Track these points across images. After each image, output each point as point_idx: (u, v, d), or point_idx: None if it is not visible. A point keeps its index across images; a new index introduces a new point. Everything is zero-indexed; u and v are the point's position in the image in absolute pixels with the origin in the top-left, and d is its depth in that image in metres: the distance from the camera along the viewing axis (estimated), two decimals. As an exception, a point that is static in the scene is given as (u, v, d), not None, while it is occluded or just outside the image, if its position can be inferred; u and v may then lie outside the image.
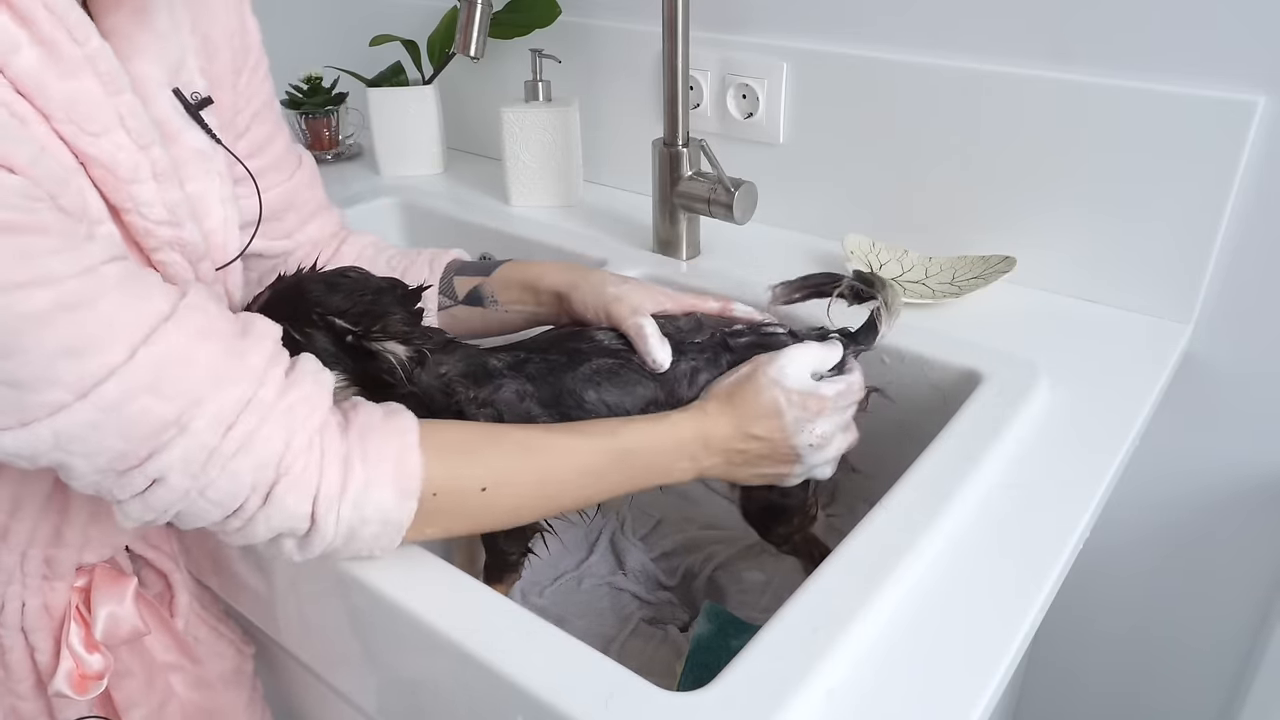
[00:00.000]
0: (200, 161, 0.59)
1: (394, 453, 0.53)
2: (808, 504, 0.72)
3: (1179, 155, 0.81)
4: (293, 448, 0.50)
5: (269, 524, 0.50)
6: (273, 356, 0.52)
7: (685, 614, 0.83)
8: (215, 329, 0.50)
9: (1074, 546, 0.62)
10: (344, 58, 1.36)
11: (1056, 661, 1.12)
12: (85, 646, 0.65)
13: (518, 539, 0.71)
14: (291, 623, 0.72)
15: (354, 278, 0.65)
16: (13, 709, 0.65)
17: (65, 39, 0.47)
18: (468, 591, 0.57)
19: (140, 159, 0.52)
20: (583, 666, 0.51)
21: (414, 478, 0.53)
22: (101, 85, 0.49)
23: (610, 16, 1.15)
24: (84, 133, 0.49)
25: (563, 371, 0.66)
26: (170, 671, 0.72)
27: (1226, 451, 0.90)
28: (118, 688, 0.68)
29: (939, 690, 0.51)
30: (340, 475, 0.51)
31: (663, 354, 0.66)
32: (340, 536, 0.52)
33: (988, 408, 0.72)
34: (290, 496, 0.50)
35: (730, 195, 0.94)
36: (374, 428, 0.54)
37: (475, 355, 0.67)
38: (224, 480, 0.48)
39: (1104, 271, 0.89)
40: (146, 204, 0.53)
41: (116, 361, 0.45)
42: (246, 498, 0.49)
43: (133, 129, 0.51)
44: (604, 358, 0.67)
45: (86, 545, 0.64)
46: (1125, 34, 0.81)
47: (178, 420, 0.47)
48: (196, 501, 0.49)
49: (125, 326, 0.46)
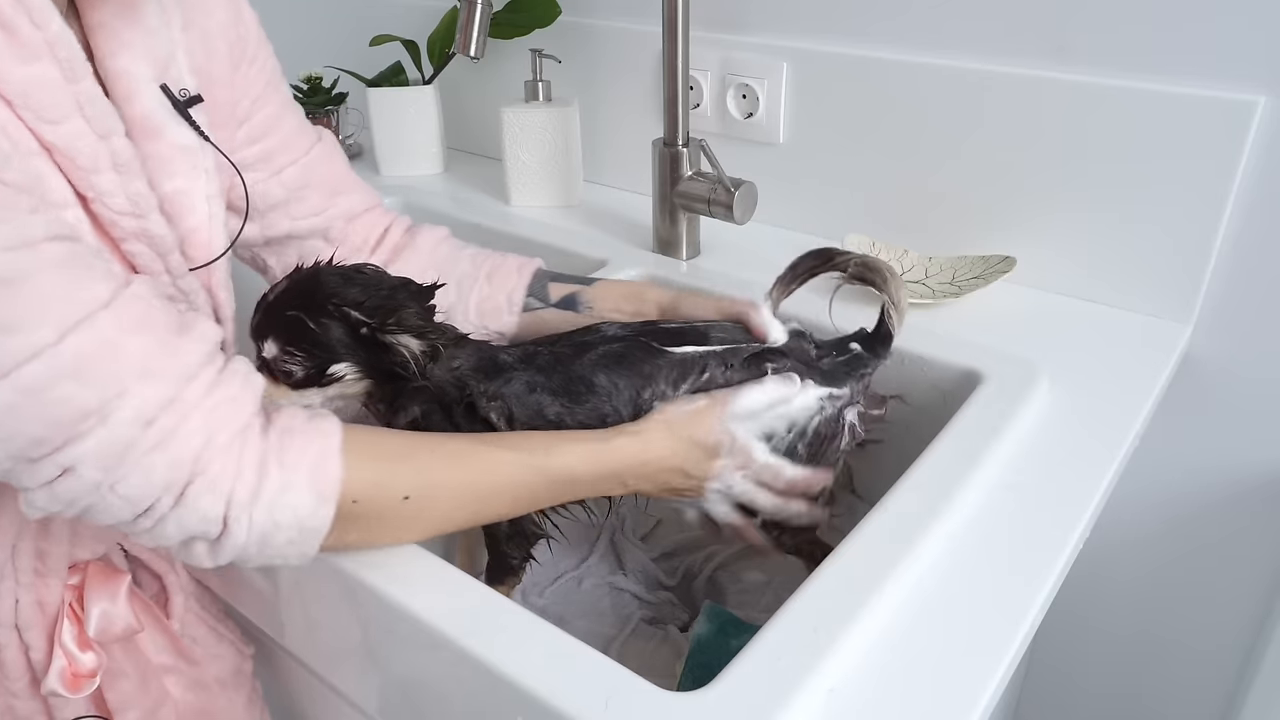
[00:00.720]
0: (186, 158, 0.59)
1: (313, 456, 0.52)
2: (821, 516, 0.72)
3: (1179, 155, 0.81)
4: (211, 447, 0.48)
5: (180, 525, 0.49)
6: (207, 357, 0.50)
7: (685, 614, 0.83)
8: (152, 322, 0.48)
9: (1074, 546, 0.62)
10: (344, 58, 1.36)
11: (1056, 661, 1.12)
12: (78, 644, 0.64)
13: (521, 543, 0.71)
14: (292, 623, 0.72)
15: (370, 273, 0.66)
16: (9, 708, 0.65)
17: (25, 23, 0.47)
18: (468, 592, 0.57)
19: (100, 148, 0.51)
20: (583, 666, 0.51)
21: (332, 482, 0.52)
22: (60, 71, 0.49)
23: (610, 16, 1.15)
24: (42, 120, 0.48)
25: (570, 360, 0.66)
26: (165, 673, 0.72)
27: (1226, 451, 0.90)
28: (111, 688, 0.68)
29: (939, 690, 0.51)
30: (255, 478, 0.50)
31: (776, 331, 0.68)
32: (254, 542, 0.51)
33: (988, 408, 0.72)
34: (204, 498, 0.48)
35: (730, 195, 0.94)
36: (295, 430, 0.52)
37: (486, 350, 0.68)
38: (136, 476, 0.47)
39: (1104, 271, 0.89)
40: (108, 194, 0.52)
41: (44, 343, 0.43)
42: (159, 497, 0.48)
43: (91, 117, 0.51)
44: (610, 344, 0.67)
45: (76, 539, 0.64)
46: (1125, 34, 0.81)
47: (99, 410, 0.45)
48: (106, 496, 0.47)
49: (58, 308, 0.44)
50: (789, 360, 0.68)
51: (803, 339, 0.71)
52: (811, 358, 0.70)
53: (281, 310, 0.63)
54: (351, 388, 0.65)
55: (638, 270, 0.98)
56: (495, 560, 0.72)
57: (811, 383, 0.68)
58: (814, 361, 0.70)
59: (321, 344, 0.63)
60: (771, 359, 0.68)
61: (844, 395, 0.69)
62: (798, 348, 0.70)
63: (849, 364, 0.70)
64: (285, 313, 0.63)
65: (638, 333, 0.69)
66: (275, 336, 0.63)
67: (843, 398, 0.69)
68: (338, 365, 0.63)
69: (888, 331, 0.71)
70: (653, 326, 0.70)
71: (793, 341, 0.70)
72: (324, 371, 0.63)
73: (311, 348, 0.63)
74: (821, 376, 0.69)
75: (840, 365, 0.70)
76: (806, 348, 0.70)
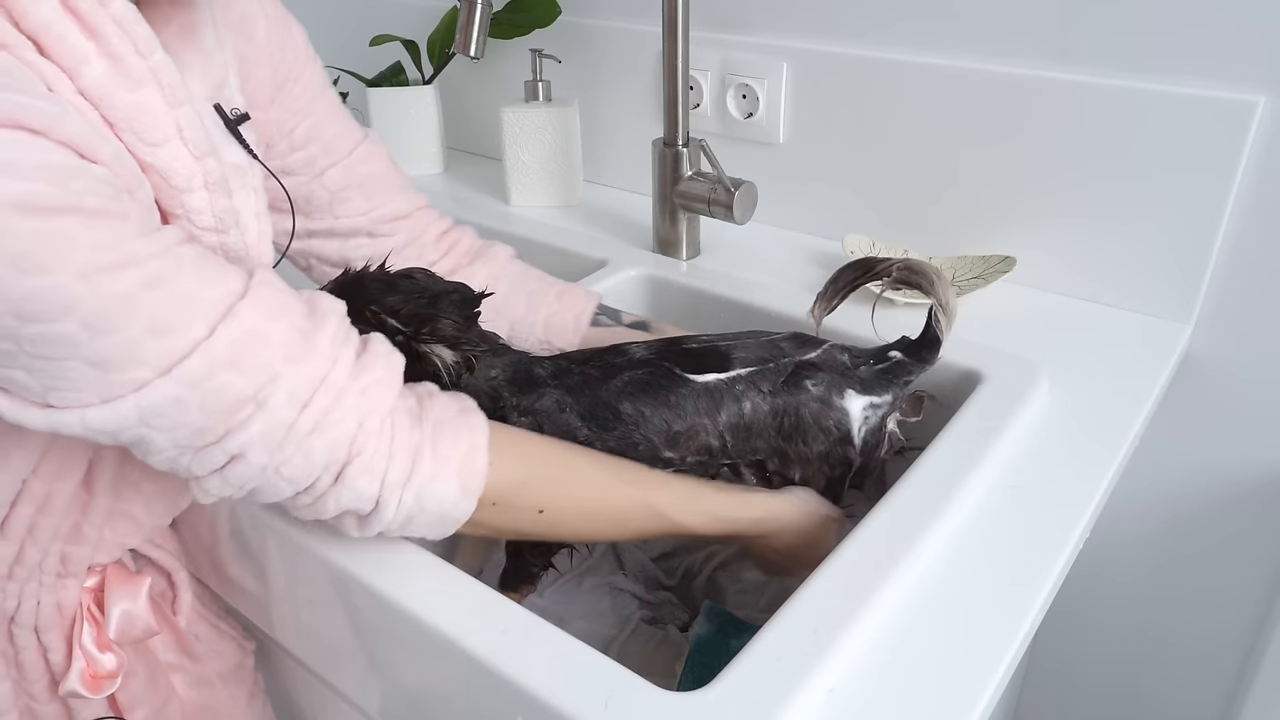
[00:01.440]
0: (238, 176, 0.60)
1: (464, 451, 0.55)
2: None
3: (1179, 155, 0.81)
4: (365, 429, 0.51)
5: (338, 502, 0.52)
6: (337, 333, 0.53)
7: (685, 614, 0.83)
8: (286, 306, 0.51)
9: (1074, 546, 0.62)
10: (344, 58, 1.36)
11: (1056, 662, 1.12)
12: (98, 646, 0.65)
13: (544, 550, 0.71)
14: (290, 623, 0.72)
15: (417, 279, 0.67)
16: (28, 710, 0.66)
17: (131, 52, 0.49)
18: (467, 591, 0.57)
19: (195, 168, 0.53)
20: (583, 666, 0.51)
21: (478, 478, 0.55)
22: (164, 97, 0.51)
23: (610, 16, 1.15)
24: (144, 142, 0.50)
25: (598, 385, 0.66)
26: (172, 671, 0.72)
27: (1226, 452, 0.90)
28: (122, 688, 0.68)
29: (939, 690, 0.51)
30: (409, 463, 0.53)
31: None
32: (399, 521, 0.54)
33: (988, 408, 0.72)
34: (361, 479, 0.52)
35: (730, 195, 0.94)
36: (448, 422, 0.55)
37: (523, 362, 0.68)
38: (299, 458, 0.50)
39: (1104, 271, 0.89)
40: (196, 211, 0.54)
41: (198, 338, 0.46)
42: (319, 476, 0.51)
43: (190, 140, 0.53)
44: (635, 370, 0.67)
45: (100, 544, 0.64)
46: (1125, 34, 0.81)
47: (255, 396, 0.48)
48: (272, 478, 0.50)
49: (204, 304, 0.47)
50: (826, 374, 0.68)
51: (836, 350, 0.70)
52: (848, 367, 0.69)
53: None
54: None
55: (638, 270, 0.98)
56: (515, 566, 0.72)
57: (852, 392, 0.68)
58: (851, 371, 0.69)
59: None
60: (809, 374, 0.67)
61: (885, 403, 0.69)
62: (831, 359, 0.69)
63: (890, 371, 0.69)
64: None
65: (661, 355, 0.68)
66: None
67: (884, 405, 0.69)
68: None
69: (935, 336, 0.70)
70: (676, 346, 0.69)
71: (825, 354, 0.69)
72: None
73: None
74: (861, 386, 0.68)
75: (879, 373, 0.69)
76: (840, 358, 0.69)
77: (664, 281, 0.97)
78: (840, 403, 0.68)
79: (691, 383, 0.66)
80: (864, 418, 0.68)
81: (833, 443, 0.68)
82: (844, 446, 0.68)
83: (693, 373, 0.66)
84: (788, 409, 0.67)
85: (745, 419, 0.66)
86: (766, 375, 0.67)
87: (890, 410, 0.69)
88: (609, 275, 0.97)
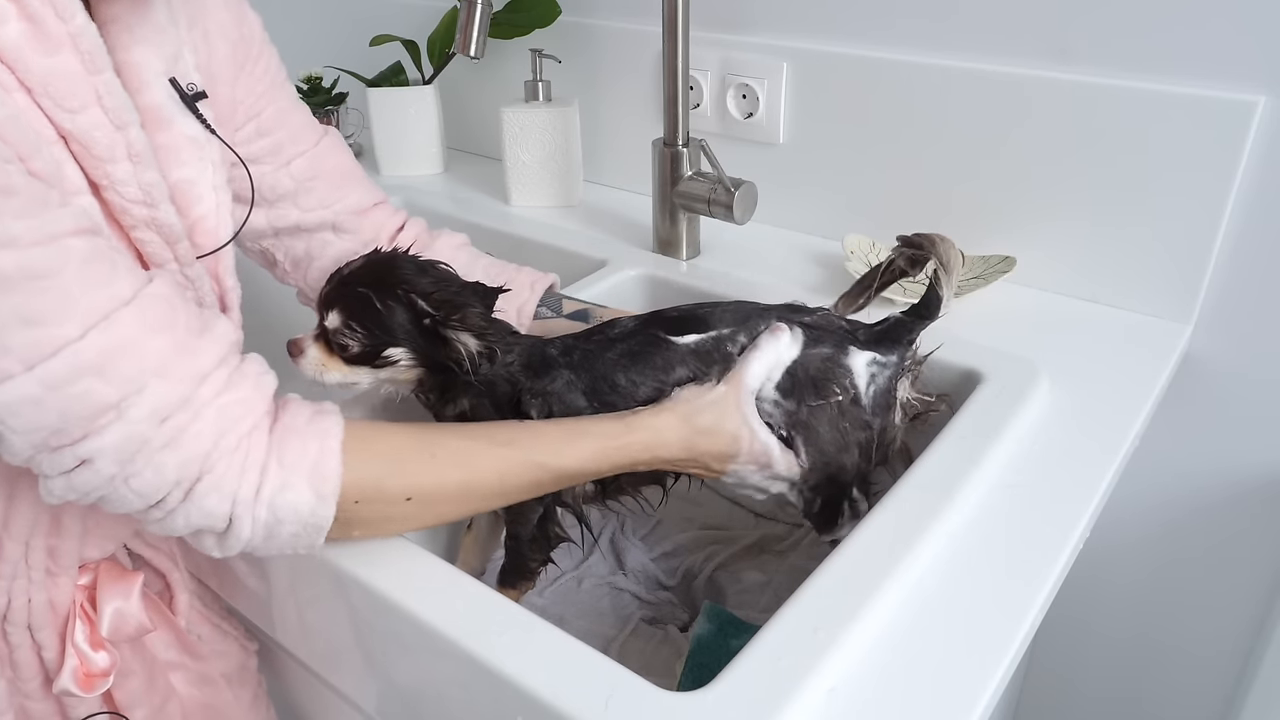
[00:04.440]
0: (194, 149, 0.60)
1: (313, 456, 0.53)
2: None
3: (1179, 155, 0.81)
4: (220, 448, 0.50)
5: (188, 520, 0.51)
6: (222, 358, 0.52)
7: (685, 614, 0.83)
8: (173, 321, 0.50)
9: (1074, 546, 0.62)
10: (344, 58, 1.36)
11: (1056, 664, 1.12)
12: (91, 644, 0.65)
13: (543, 546, 0.71)
14: (291, 623, 0.72)
15: (445, 269, 0.68)
16: (23, 709, 0.66)
17: (51, 15, 0.48)
18: (467, 591, 0.57)
19: (116, 138, 0.52)
20: (583, 666, 0.51)
21: (331, 482, 0.53)
22: (82, 63, 0.50)
23: (610, 16, 1.15)
24: (61, 108, 0.50)
25: (595, 359, 0.67)
26: (171, 670, 0.72)
27: (1226, 451, 0.90)
28: (119, 687, 0.68)
29: (939, 690, 0.51)
30: (257, 477, 0.51)
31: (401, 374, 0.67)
32: (259, 536, 0.53)
33: (988, 408, 0.72)
34: (210, 497, 0.50)
35: (730, 195, 0.94)
36: (295, 429, 0.53)
37: (537, 346, 0.68)
38: (149, 472, 0.48)
39: (1104, 271, 0.89)
40: (121, 182, 0.53)
41: (68, 338, 0.45)
42: (169, 492, 0.49)
43: (110, 108, 0.52)
44: (627, 341, 0.68)
45: (87, 536, 0.64)
46: (1126, 34, 0.81)
47: (117, 405, 0.47)
48: (120, 489, 0.49)
49: (83, 304, 0.46)
50: (824, 333, 0.68)
51: (833, 315, 0.71)
52: (845, 329, 0.69)
53: (353, 285, 0.65)
54: (403, 374, 0.66)
55: (638, 270, 0.98)
56: (514, 563, 0.72)
57: (854, 348, 0.68)
58: (850, 331, 0.69)
59: (383, 325, 0.64)
60: (808, 333, 0.67)
61: (891, 363, 0.69)
62: (828, 321, 0.69)
63: (891, 330, 0.70)
64: (356, 288, 0.65)
65: (646, 324, 0.69)
66: (341, 309, 0.64)
67: (890, 365, 0.69)
68: (394, 349, 0.65)
69: (936, 294, 0.70)
70: (658, 315, 0.70)
71: (822, 317, 0.70)
72: (379, 353, 0.65)
73: (373, 327, 0.64)
74: (861, 343, 0.68)
75: (880, 333, 0.70)
76: (838, 321, 0.70)
77: (664, 281, 0.97)
78: (844, 360, 0.68)
79: (678, 345, 0.67)
80: (870, 375, 0.68)
81: (843, 402, 0.67)
82: (856, 407, 0.68)
83: (677, 335, 0.67)
84: (791, 367, 0.67)
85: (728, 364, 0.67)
86: (752, 330, 0.68)
87: (898, 372, 0.69)
88: (609, 275, 0.97)
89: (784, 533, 0.89)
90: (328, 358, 0.66)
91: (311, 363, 0.66)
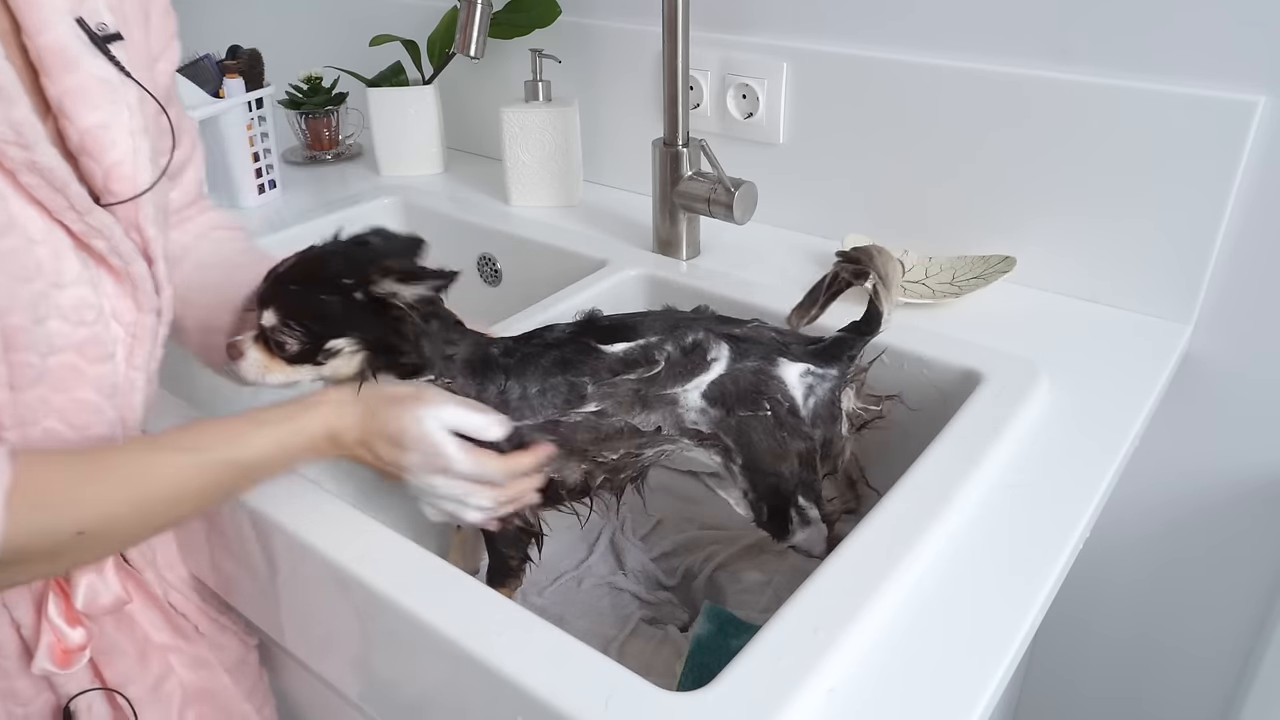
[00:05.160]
0: (106, 91, 0.57)
1: None
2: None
3: (1179, 155, 0.81)
4: None
5: None
6: None
7: (685, 614, 0.83)
8: None
9: (1074, 546, 0.62)
10: (344, 58, 1.36)
11: (1056, 665, 1.12)
12: (66, 619, 0.63)
13: (518, 542, 0.71)
14: (290, 622, 0.71)
15: (373, 242, 0.66)
16: (10, 691, 0.65)
17: None
18: (468, 592, 0.57)
19: None
20: (583, 666, 0.51)
21: None
22: None
23: (610, 16, 1.15)
24: None
25: (530, 364, 0.67)
26: (168, 652, 0.71)
27: (1226, 452, 0.90)
28: (108, 666, 0.67)
29: (939, 690, 0.51)
30: None
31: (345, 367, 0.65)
32: None
33: (988, 408, 0.72)
34: None
35: (730, 195, 0.94)
36: None
37: (482, 343, 0.68)
38: None
39: (1104, 271, 0.89)
40: None
41: None
42: None
43: None
44: (561, 348, 0.68)
45: None
46: (1126, 34, 0.81)
47: None
48: None
49: None
50: (752, 345, 0.69)
51: (763, 326, 0.71)
52: (777, 340, 0.70)
53: (285, 283, 0.64)
54: (346, 365, 0.64)
55: (638, 270, 0.98)
56: (495, 562, 0.73)
57: (784, 360, 0.68)
58: (780, 343, 0.70)
59: (320, 318, 0.63)
60: (730, 344, 0.68)
61: (831, 374, 0.69)
62: (758, 334, 0.70)
63: (831, 346, 0.71)
64: (289, 286, 0.63)
65: (579, 332, 0.69)
66: (276, 307, 0.63)
67: (830, 377, 0.69)
68: (335, 340, 0.63)
69: (876, 309, 0.71)
70: (591, 323, 0.71)
71: (752, 329, 0.70)
72: (320, 348, 0.63)
73: (310, 323, 0.63)
74: (792, 355, 0.69)
75: (818, 350, 0.70)
76: (768, 333, 0.71)
77: (664, 281, 0.97)
78: (774, 371, 0.68)
79: (606, 354, 0.67)
80: (806, 386, 0.69)
81: (779, 412, 0.68)
82: (794, 418, 0.68)
83: (606, 344, 0.68)
84: (720, 378, 0.68)
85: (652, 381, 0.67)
86: (678, 340, 0.68)
87: (840, 384, 0.70)
88: (609, 275, 0.97)
89: (784, 533, 0.89)
90: (269, 359, 0.64)
91: (253, 365, 0.64)
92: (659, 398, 0.67)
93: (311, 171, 1.38)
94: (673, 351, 0.68)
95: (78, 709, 0.66)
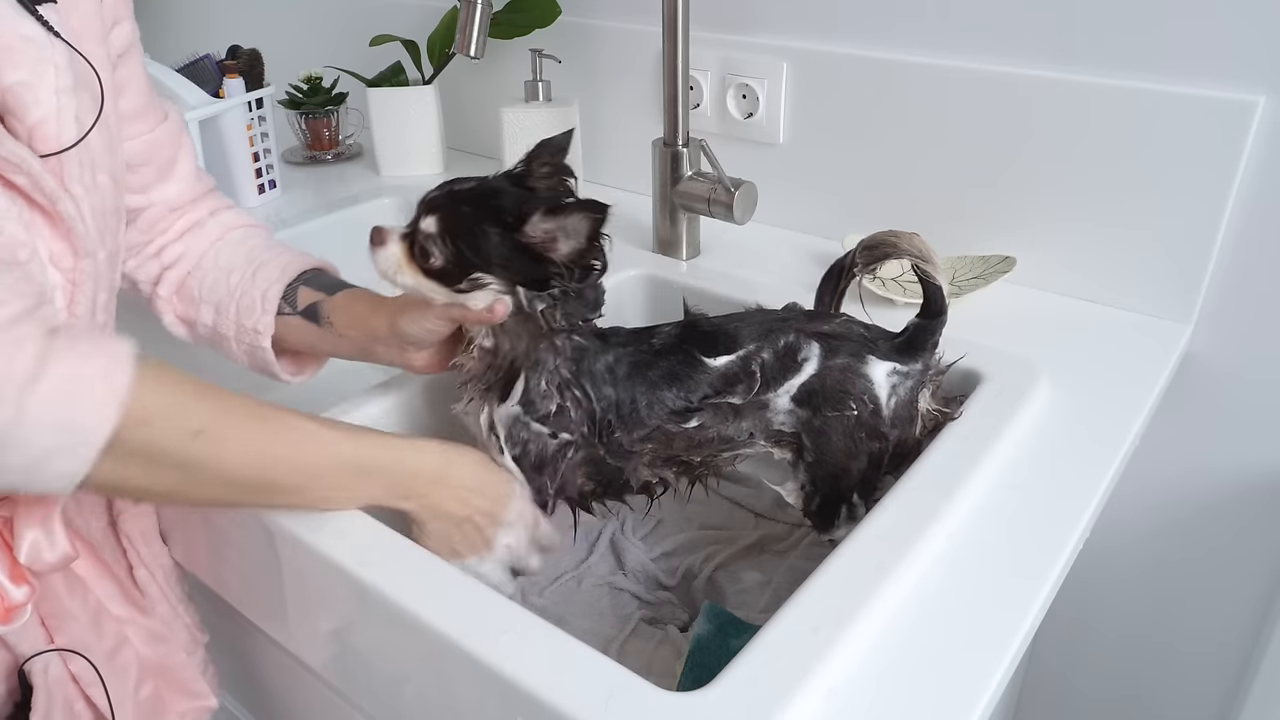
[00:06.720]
0: (30, 49, 0.57)
1: (105, 359, 0.49)
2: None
3: (1179, 155, 0.81)
4: None
5: None
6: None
7: (685, 614, 0.83)
8: None
9: (1074, 546, 0.62)
10: (344, 58, 1.36)
11: (1056, 664, 1.12)
12: (11, 577, 0.62)
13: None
14: (288, 620, 0.71)
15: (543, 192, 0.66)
16: None
17: None
18: (467, 591, 0.57)
19: None
20: (583, 666, 0.51)
21: (121, 388, 0.49)
22: None
23: (610, 16, 1.15)
24: None
25: (637, 375, 0.67)
26: (124, 624, 0.71)
27: (1226, 451, 0.90)
28: (60, 630, 0.66)
29: (939, 690, 0.51)
30: (35, 364, 0.46)
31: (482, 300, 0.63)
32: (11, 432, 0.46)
33: (988, 408, 0.72)
34: None
35: (730, 195, 0.94)
36: (85, 335, 0.50)
37: (596, 337, 0.67)
38: None
39: (1104, 271, 0.89)
40: None
41: None
42: None
43: None
44: (668, 359, 0.67)
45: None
46: (1125, 34, 0.81)
47: None
48: None
49: None
50: (843, 343, 0.68)
51: (852, 322, 0.70)
52: (866, 337, 0.69)
53: (458, 201, 0.63)
54: (483, 299, 0.62)
55: (638, 270, 0.98)
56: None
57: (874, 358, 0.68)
58: (869, 340, 0.69)
59: (477, 249, 0.61)
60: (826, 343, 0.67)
61: (915, 371, 0.69)
62: (848, 330, 0.69)
63: (914, 337, 0.70)
64: (460, 205, 0.62)
65: (682, 339, 0.69)
66: (440, 218, 0.62)
67: (913, 374, 0.69)
68: (485, 275, 0.62)
69: (931, 286, 0.69)
70: (694, 331, 0.69)
71: (841, 325, 0.70)
72: (464, 275, 0.62)
73: (464, 246, 0.61)
74: (881, 353, 0.68)
75: (903, 342, 0.69)
76: (857, 329, 0.69)
77: (664, 281, 0.97)
78: (863, 369, 0.67)
79: (710, 368, 0.67)
80: (890, 386, 0.68)
81: (862, 413, 0.67)
82: (875, 418, 0.68)
83: (709, 355, 0.67)
84: (809, 379, 0.67)
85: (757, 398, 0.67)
86: (771, 347, 0.67)
87: (920, 383, 0.69)
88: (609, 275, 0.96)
89: (784, 533, 0.89)
90: (407, 261, 0.63)
91: (389, 258, 0.63)
92: (752, 404, 0.67)
93: (311, 171, 1.38)
94: (768, 359, 0.67)
95: (33, 669, 0.65)
